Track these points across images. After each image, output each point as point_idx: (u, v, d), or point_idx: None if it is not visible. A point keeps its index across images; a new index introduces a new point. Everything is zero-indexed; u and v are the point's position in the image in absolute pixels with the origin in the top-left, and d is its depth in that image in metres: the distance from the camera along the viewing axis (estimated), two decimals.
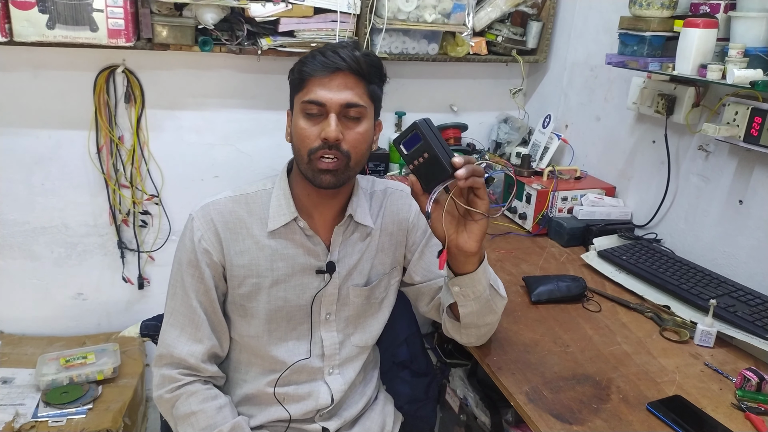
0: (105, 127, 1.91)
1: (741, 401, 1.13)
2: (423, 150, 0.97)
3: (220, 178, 2.09)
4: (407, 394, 1.48)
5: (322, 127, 1.09)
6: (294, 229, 1.18)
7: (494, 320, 1.19)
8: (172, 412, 1.15)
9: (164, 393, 1.15)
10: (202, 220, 1.16)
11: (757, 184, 1.48)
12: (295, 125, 1.14)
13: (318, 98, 1.09)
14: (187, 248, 1.16)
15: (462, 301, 1.11)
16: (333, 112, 1.09)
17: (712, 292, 1.42)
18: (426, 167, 0.98)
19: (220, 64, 1.98)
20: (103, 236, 2.04)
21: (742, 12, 1.38)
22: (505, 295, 1.19)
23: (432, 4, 1.94)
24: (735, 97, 1.46)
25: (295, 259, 1.18)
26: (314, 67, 1.10)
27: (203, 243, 1.15)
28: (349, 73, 1.10)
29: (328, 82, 1.09)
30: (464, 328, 1.17)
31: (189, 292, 1.15)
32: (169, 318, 1.18)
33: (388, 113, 2.20)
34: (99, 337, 2.05)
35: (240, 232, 1.17)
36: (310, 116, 1.11)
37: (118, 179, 1.98)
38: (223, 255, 1.16)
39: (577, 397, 1.14)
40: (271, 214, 1.17)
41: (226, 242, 1.16)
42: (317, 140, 1.09)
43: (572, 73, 2.16)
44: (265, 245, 1.17)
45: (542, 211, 1.86)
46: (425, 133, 0.97)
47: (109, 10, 1.63)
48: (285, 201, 1.17)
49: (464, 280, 1.07)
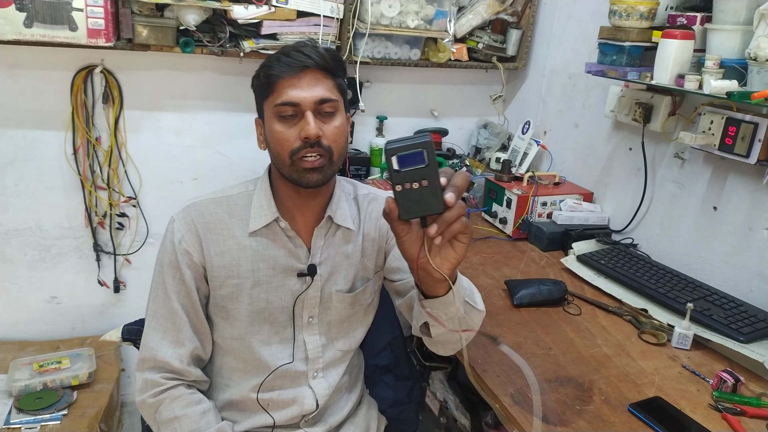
0: (82, 127, 1.88)
1: (718, 402, 1.16)
2: (422, 176, 0.80)
3: (199, 180, 2.07)
4: (390, 398, 1.48)
5: (300, 126, 1.09)
6: (275, 230, 1.17)
7: (469, 334, 1.12)
8: (155, 417, 1.13)
9: (147, 398, 1.13)
10: (182, 221, 1.16)
11: (731, 192, 1.53)
12: (270, 131, 1.12)
13: (291, 99, 1.08)
14: (168, 250, 1.15)
15: (433, 322, 1.03)
16: (308, 109, 1.09)
17: (688, 296, 1.46)
18: (417, 194, 0.81)
19: (202, 66, 1.96)
20: (79, 239, 2.00)
21: (718, 24, 1.42)
22: (483, 307, 1.12)
23: (414, 11, 1.96)
24: (710, 106, 1.51)
25: (277, 260, 1.17)
26: (281, 69, 1.09)
27: (183, 244, 1.14)
28: (317, 70, 1.10)
29: (298, 82, 1.09)
30: (440, 344, 1.13)
31: (170, 294, 1.14)
32: (151, 321, 1.16)
33: (369, 117, 2.21)
34: (74, 341, 2.01)
35: (221, 233, 1.16)
36: (285, 118, 1.10)
37: (94, 181, 1.95)
38: (203, 256, 1.15)
39: (560, 398, 1.16)
40: (253, 214, 1.17)
41: (207, 243, 1.15)
42: (297, 141, 1.09)
43: (551, 81, 2.19)
44: (246, 246, 1.16)
45: (522, 216, 1.88)
46: (430, 157, 0.79)
47: (90, 10, 1.61)
48: (266, 202, 1.17)
49: (434, 303, 0.99)
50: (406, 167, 0.80)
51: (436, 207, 0.82)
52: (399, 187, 0.80)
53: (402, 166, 0.80)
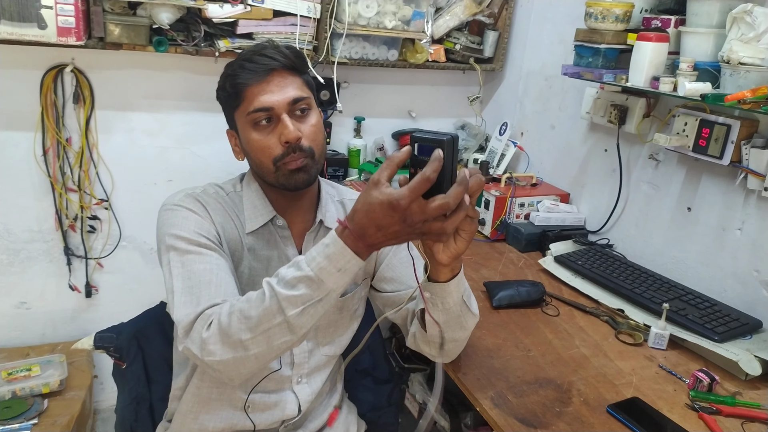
0: (52, 128, 1.83)
1: (694, 401, 1.18)
2: None
3: (174, 182, 2.04)
4: (370, 401, 1.48)
5: (279, 131, 1.07)
6: (270, 230, 1.16)
7: (462, 337, 1.12)
8: (229, 337, 0.92)
9: (205, 336, 0.94)
10: (186, 199, 1.11)
11: (704, 192, 1.55)
12: (248, 140, 1.10)
13: (263, 104, 1.06)
14: (177, 215, 1.07)
15: (430, 308, 1.06)
16: (283, 112, 1.07)
17: (664, 296, 1.48)
18: None
19: (176, 65, 1.93)
20: (49, 242, 1.95)
21: (692, 28, 1.44)
22: (478, 313, 1.11)
23: (392, 11, 1.95)
24: (684, 108, 1.53)
25: (270, 261, 1.16)
26: (247, 76, 1.07)
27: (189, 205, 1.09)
28: (283, 70, 1.09)
29: (267, 86, 1.07)
30: (431, 339, 1.12)
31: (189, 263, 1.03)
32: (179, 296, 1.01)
33: (347, 118, 2.19)
34: (44, 348, 1.96)
35: (229, 221, 1.14)
36: (261, 125, 1.08)
37: (65, 183, 1.90)
38: (215, 224, 1.10)
39: (540, 401, 1.16)
40: (247, 215, 1.15)
41: (219, 225, 1.11)
42: (278, 147, 1.08)
43: (527, 82, 2.20)
44: (245, 243, 1.15)
45: (500, 217, 1.89)
46: (445, 154, 0.83)
47: (59, 7, 1.57)
48: (260, 201, 1.15)
49: (435, 287, 1.00)
50: (422, 155, 0.84)
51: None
52: (413, 170, 0.86)
53: (419, 153, 0.85)
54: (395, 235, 0.85)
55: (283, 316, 0.89)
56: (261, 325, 0.90)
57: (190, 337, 0.96)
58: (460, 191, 0.82)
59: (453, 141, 0.84)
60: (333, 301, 0.92)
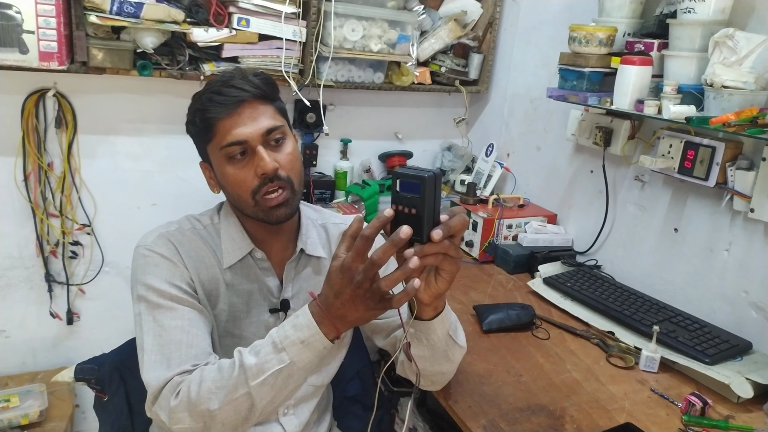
0: (33, 153, 1.80)
1: (687, 426, 1.17)
2: (414, 204, 0.85)
3: (158, 206, 2.01)
4: (359, 429, 1.45)
5: (255, 163, 1.05)
6: (249, 264, 1.14)
7: (449, 369, 1.11)
8: (196, 407, 0.92)
9: (173, 404, 0.93)
10: (160, 242, 1.08)
11: (691, 213, 1.56)
12: (223, 174, 1.08)
13: (237, 138, 1.04)
14: (147, 270, 1.05)
15: (415, 344, 1.03)
16: (258, 144, 1.05)
17: (653, 318, 1.47)
18: (409, 219, 0.86)
19: (160, 89, 1.91)
20: (29, 269, 1.91)
21: (675, 51, 1.46)
22: (465, 345, 1.11)
23: (377, 34, 1.95)
24: (669, 130, 1.54)
25: (251, 295, 1.14)
26: (218, 110, 1.05)
27: (168, 256, 1.07)
28: (254, 100, 1.06)
29: (238, 118, 1.04)
30: (424, 377, 1.10)
31: (160, 319, 1.02)
32: (149, 355, 1.00)
33: (333, 140, 2.18)
34: (24, 377, 1.90)
35: (202, 261, 1.11)
36: (236, 159, 1.06)
37: (46, 208, 1.86)
38: (190, 274, 1.08)
39: (533, 428, 1.14)
40: (225, 249, 1.13)
41: (192, 268, 1.08)
42: (254, 179, 1.05)
43: (513, 104, 2.22)
44: (222, 280, 1.12)
45: (489, 239, 1.88)
46: (426, 191, 0.84)
47: (41, 32, 1.54)
48: (238, 234, 1.13)
49: (419, 325, 1.00)
50: (404, 192, 0.85)
51: (419, 236, 0.86)
52: (394, 206, 0.87)
53: (401, 190, 0.86)
54: (351, 301, 0.86)
55: (246, 387, 0.91)
56: (228, 395, 0.91)
57: (158, 403, 0.96)
58: (388, 246, 0.82)
59: (435, 178, 0.85)
60: (297, 381, 0.93)
